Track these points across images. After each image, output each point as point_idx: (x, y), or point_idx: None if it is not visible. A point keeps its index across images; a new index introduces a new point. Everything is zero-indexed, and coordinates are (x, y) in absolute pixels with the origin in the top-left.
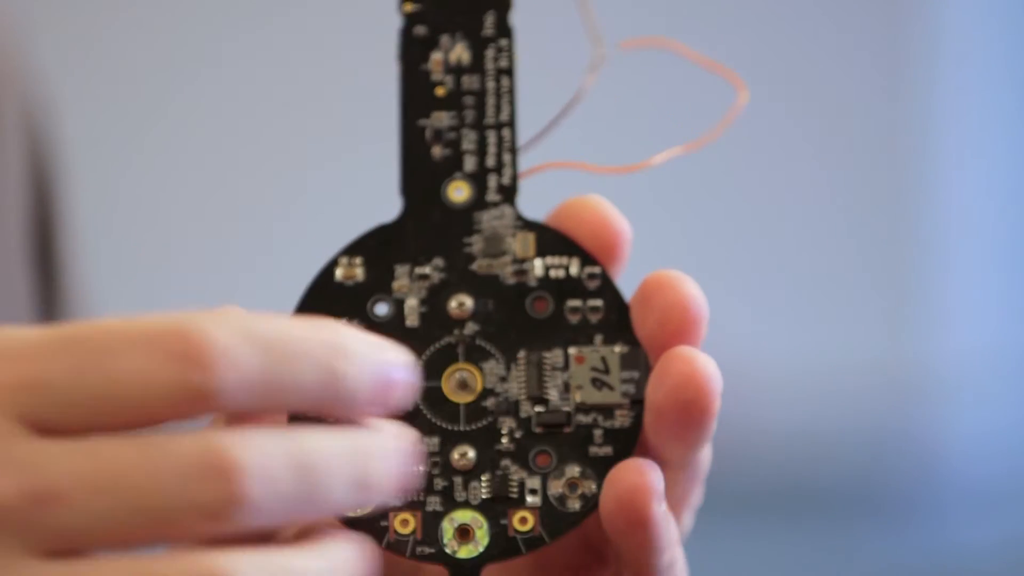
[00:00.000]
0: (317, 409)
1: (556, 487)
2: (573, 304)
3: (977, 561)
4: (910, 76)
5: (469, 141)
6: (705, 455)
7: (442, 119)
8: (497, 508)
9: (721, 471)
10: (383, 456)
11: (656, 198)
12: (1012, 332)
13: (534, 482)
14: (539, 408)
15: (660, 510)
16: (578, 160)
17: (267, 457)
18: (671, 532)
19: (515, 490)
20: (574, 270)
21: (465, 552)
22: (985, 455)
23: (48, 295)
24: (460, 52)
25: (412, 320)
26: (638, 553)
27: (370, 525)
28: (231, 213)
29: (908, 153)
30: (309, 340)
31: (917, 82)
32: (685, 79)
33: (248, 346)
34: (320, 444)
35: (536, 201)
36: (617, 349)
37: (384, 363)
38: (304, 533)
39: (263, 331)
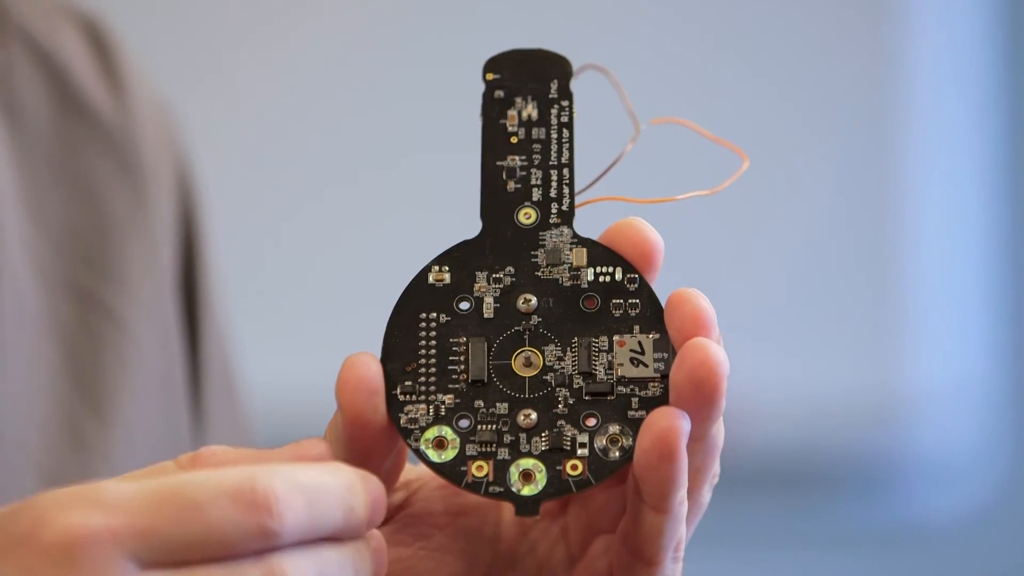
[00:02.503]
0: (338, 534)
1: (600, 441)
2: (616, 302)
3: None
4: (889, 111)
5: (536, 178)
6: (719, 431)
7: (515, 161)
8: (553, 457)
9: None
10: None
11: (680, 224)
12: (982, 361)
13: (583, 438)
14: (588, 381)
15: (684, 449)
16: (621, 195)
17: None
18: (686, 473)
19: (568, 443)
20: (618, 276)
21: (527, 491)
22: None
23: (193, 327)
24: (530, 110)
25: (488, 313)
26: (661, 485)
27: (451, 469)
28: (345, 243)
29: (887, 190)
30: (333, 484)
31: (897, 119)
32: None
33: (298, 494)
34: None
35: (593, 223)
36: (651, 336)
37: (371, 491)
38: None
39: (305, 481)
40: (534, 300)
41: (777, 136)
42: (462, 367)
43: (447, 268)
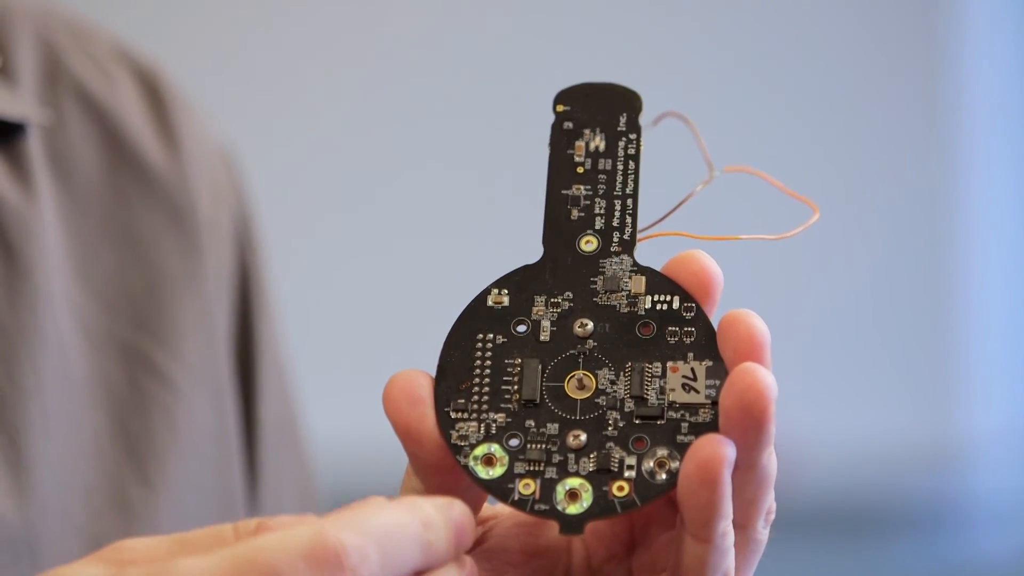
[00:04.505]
0: (420, 569)
1: (648, 464)
2: (672, 329)
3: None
4: (946, 151)
5: (599, 207)
6: (770, 462)
7: (580, 190)
8: (600, 478)
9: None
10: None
11: (740, 264)
12: None
13: (631, 460)
14: (639, 404)
15: (728, 477)
16: (686, 232)
17: None
18: (730, 504)
19: (616, 465)
20: (675, 304)
21: (573, 509)
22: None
23: (249, 383)
24: (598, 142)
25: (544, 336)
26: (702, 511)
27: (498, 486)
28: (403, 270)
29: (942, 232)
30: (406, 522)
31: (952, 160)
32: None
33: (370, 542)
34: None
35: (656, 258)
36: (704, 363)
37: (454, 520)
38: None
39: (375, 526)
40: (590, 325)
41: (835, 177)
42: (515, 387)
43: (506, 291)
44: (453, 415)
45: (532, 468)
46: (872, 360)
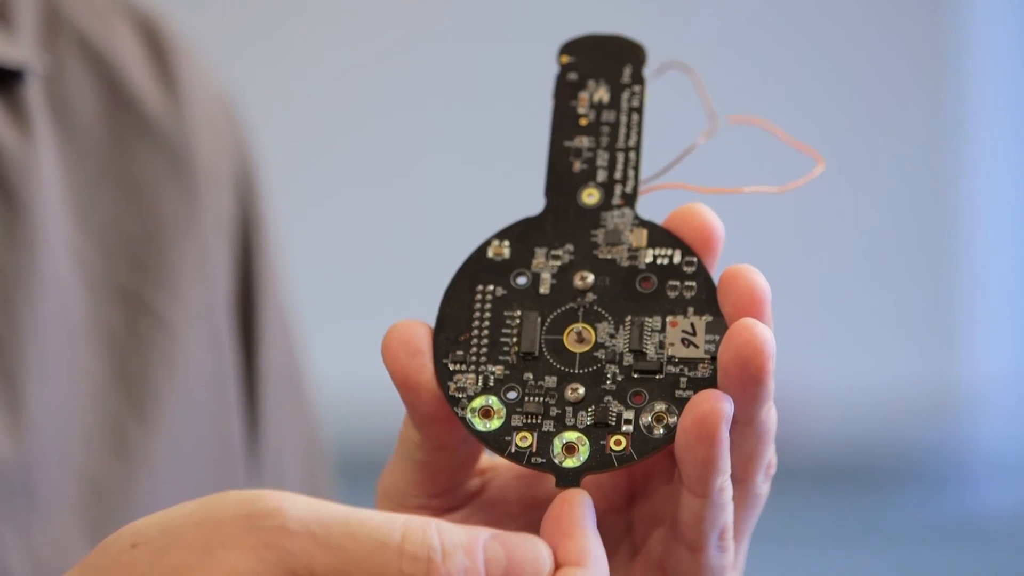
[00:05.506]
0: None
1: (646, 418)
2: (673, 284)
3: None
4: (948, 114)
5: (602, 159)
6: (770, 417)
7: (583, 142)
8: (598, 432)
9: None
10: None
11: (742, 217)
12: None
13: (629, 414)
14: (638, 358)
15: (726, 433)
16: (688, 184)
17: None
18: (728, 459)
19: (613, 419)
20: (676, 259)
21: (570, 463)
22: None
23: (250, 329)
24: (602, 93)
25: (544, 289)
26: (700, 467)
27: (495, 439)
28: (407, 225)
29: (947, 181)
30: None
31: (955, 113)
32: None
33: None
34: None
35: (658, 211)
36: (704, 318)
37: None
38: None
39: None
40: (591, 278)
41: (838, 129)
42: (514, 340)
43: (507, 243)
44: (451, 367)
45: (529, 421)
46: (875, 309)
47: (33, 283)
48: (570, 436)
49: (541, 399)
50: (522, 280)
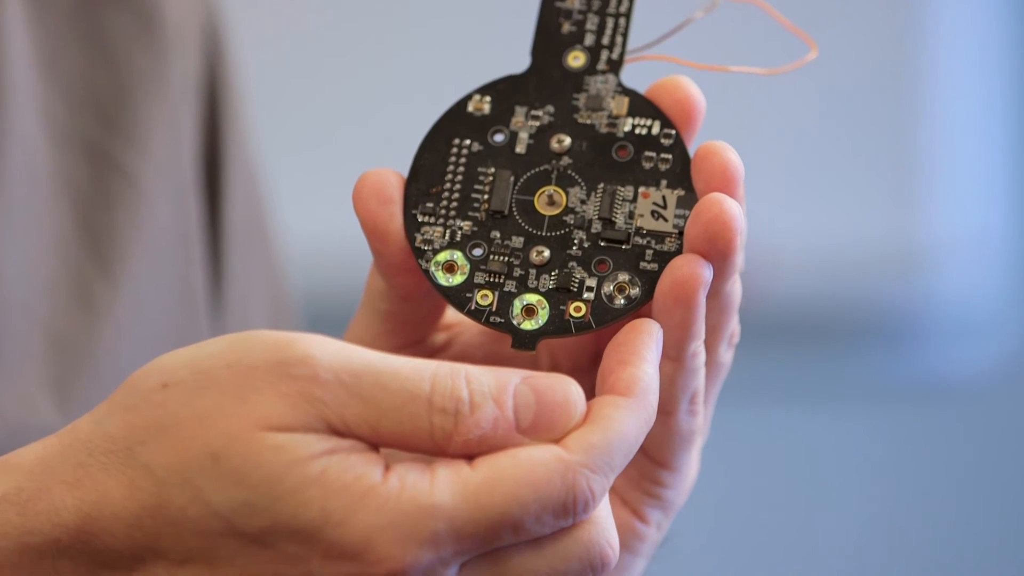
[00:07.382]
0: None
1: (608, 287)
2: (649, 155)
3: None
4: None
5: (592, 23)
6: (734, 289)
7: (573, 3)
8: (559, 297)
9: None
10: None
11: (725, 93)
12: (1005, 210)
13: (592, 282)
14: (606, 227)
15: (703, 298)
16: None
17: None
18: (703, 325)
19: (575, 285)
20: (655, 130)
21: (528, 325)
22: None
23: (215, 185)
24: None
25: (520, 148)
26: (675, 331)
27: (456, 294)
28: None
29: (907, 37)
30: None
31: None
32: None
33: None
34: None
35: (643, 81)
36: (676, 192)
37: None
38: None
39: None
40: (568, 141)
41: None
42: (485, 197)
43: (488, 98)
44: (420, 218)
45: (492, 279)
46: (836, 167)
47: None
48: (531, 298)
49: (506, 259)
50: (499, 137)
